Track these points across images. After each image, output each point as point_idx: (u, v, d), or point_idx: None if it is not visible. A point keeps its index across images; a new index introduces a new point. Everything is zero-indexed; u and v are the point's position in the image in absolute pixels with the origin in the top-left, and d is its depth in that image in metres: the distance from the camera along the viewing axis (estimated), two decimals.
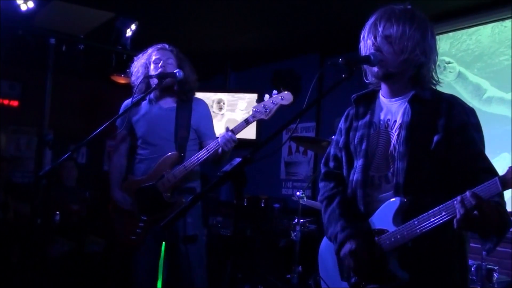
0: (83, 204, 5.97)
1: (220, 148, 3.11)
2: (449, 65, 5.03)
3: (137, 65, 3.40)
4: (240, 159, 1.63)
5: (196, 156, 3.16)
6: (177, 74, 3.23)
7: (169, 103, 3.35)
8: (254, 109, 3.04)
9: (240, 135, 3.21)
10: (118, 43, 5.20)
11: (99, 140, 8.13)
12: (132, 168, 3.38)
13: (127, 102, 3.41)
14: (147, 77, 3.29)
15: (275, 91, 2.99)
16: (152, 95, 3.37)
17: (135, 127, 3.39)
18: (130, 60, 3.56)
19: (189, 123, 3.27)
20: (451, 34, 5.04)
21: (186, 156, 3.24)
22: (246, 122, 3.05)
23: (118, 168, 3.45)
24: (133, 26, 5.24)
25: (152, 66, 3.33)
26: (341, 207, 2.11)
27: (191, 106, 3.32)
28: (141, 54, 3.44)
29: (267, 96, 3.02)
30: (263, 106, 3.01)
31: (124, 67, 3.53)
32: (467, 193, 1.62)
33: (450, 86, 4.87)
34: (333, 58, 1.97)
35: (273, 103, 3.00)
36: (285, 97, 2.99)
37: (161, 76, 3.21)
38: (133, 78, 3.41)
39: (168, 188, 3.21)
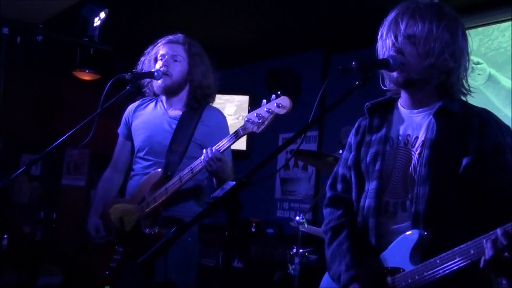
0: (36, 225, 5.93)
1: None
2: (478, 66, 5.06)
3: (145, 61, 3.38)
4: (233, 182, 1.62)
5: (179, 177, 3.08)
6: (155, 73, 3.20)
7: (177, 110, 3.31)
8: (246, 119, 2.91)
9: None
10: (84, 34, 5.19)
11: (58, 149, 8.10)
12: (126, 186, 3.38)
13: (132, 106, 3.42)
14: (119, 78, 3.24)
15: (273, 96, 2.81)
16: (161, 99, 3.37)
17: (133, 136, 3.39)
18: (98, 54, 3.55)
19: (191, 137, 3.21)
20: (480, 29, 5.08)
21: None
22: (236, 135, 2.94)
23: (105, 188, 3.44)
24: (103, 15, 5.22)
25: (158, 63, 3.29)
26: (348, 241, 2.10)
27: (200, 117, 3.26)
28: (150, 47, 3.40)
29: (264, 101, 2.92)
30: (256, 115, 2.85)
31: (91, 62, 3.51)
32: (498, 231, 1.62)
33: (479, 91, 4.90)
34: (343, 61, 1.96)
35: (268, 112, 2.82)
36: (282, 104, 2.78)
37: (134, 77, 3.16)
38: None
39: (148, 215, 3.15)
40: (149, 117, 3.35)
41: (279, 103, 2.77)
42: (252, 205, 6.83)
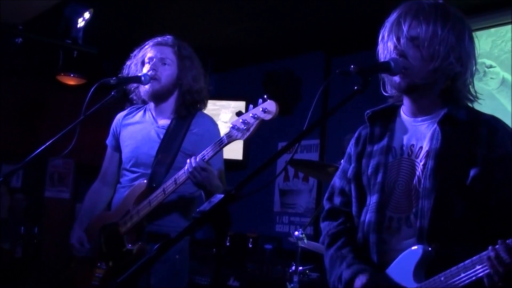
0: (16, 241, 5.91)
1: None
2: (491, 69, 5.06)
3: (131, 65, 3.37)
4: (222, 195, 1.61)
5: (162, 188, 3.07)
6: (142, 78, 3.20)
7: (166, 118, 3.32)
8: (231, 126, 2.89)
9: (225, 155, 3.17)
10: (67, 36, 5.19)
11: (40, 158, 8.09)
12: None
13: (120, 115, 3.42)
14: (103, 83, 3.22)
15: (260, 100, 2.78)
16: (150, 107, 3.37)
17: (121, 147, 3.39)
18: (83, 57, 3.56)
19: (179, 147, 3.21)
20: (492, 30, 5.09)
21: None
22: (220, 144, 2.92)
23: (92, 200, 3.44)
24: (87, 15, 5.22)
25: (145, 67, 3.28)
26: (347, 246, 2.11)
27: (189, 125, 3.27)
28: (137, 50, 3.40)
29: (251, 106, 2.88)
30: (242, 121, 2.83)
31: (75, 65, 3.51)
32: (501, 245, 1.64)
33: (492, 96, 4.89)
34: (342, 65, 1.96)
35: (253, 118, 2.79)
36: (267, 108, 2.74)
37: (120, 81, 3.16)
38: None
39: (131, 229, 3.15)
40: (137, 127, 3.35)
41: (265, 108, 2.75)
42: (249, 219, 6.83)
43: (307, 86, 6.74)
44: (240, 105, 6.81)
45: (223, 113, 6.94)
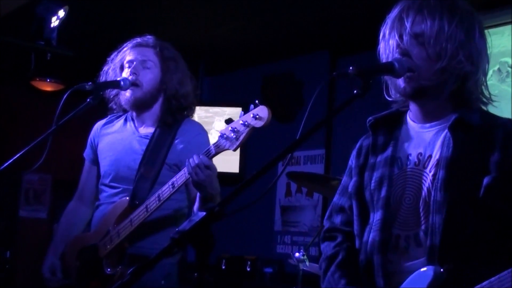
0: None
1: (193, 188, 3.02)
2: None
3: (109, 70, 3.38)
4: (203, 213, 1.61)
5: (145, 205, 3.07)
6: (122, 83, 3.21)
7: (149, 127, 3.33)
8: (219, 134, 2.89)
9: (219, 168, 3.17)
10: (40, 37, 5.20)
11: (13, 173, 8.09)
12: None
13: (98, 125, 3.44)
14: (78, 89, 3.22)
15: (251, 106, 2.78)
16: (131, 115, 3.37)
17: (99, 160, 3.40)
18: (59, 60, 3.57)
19: (164, 159, 3.21)
20: None
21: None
22: (207, 155, 2.93)
23: (68, 222, 3.45)
24: (62, 13, 5.23)
25: (124, 71, 3.29)
26: (345, 266, 2.11)
27: (175, 134, 3.28)
28: (115, 53, 3.41)
29: (241, 112, 2.86)
30: (231, 130, 2.83)
31: (49, 69, 3.52)
32: None
33: None
34: (343, 67, 1.97)
35: (244, 125, 2.80)
36: (259, 114, 2.75)
37: (97, 87, 3.16)
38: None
39: (111, 252, 3.14)
40: (117, 137, 3.36)
41: (256, 114, 2.75)
42: (247, 239, 6.84)
43: (310, 89, 6.75)
44: (236, 111, 6.70)
45: (217, 121, 6.93)
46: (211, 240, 1.57)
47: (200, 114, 6.91)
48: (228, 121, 2.86)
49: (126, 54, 3.31)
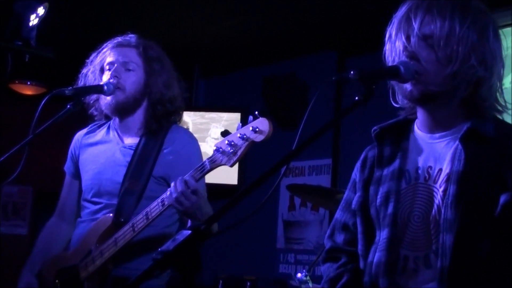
0: None
1: (177, 210, 3.02)
2: None
3: (88, 73, 3.39)
4: (188, 231, 1.61)
5: (131, 224, 3.07)
6: (105, 87, 3.21)
7: (133, 136, 3.34)
8: (215, 148, 2.89)
9: (216, 180, 3.16)
10: (18, 37, 5.22)
11: None
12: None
13: (79, 135, 3.46)
14: (57, 94, 3.22)
15: (250, 117, 2.79)
16: (114, 123, 3.39)
17: (81, 173, 3.41)
18: (39, 62, 3.57)
19: (150, 171, 3.22)
20: None
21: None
22: (201, 170, 2.93)
23: (46, 239, 3.47)
24: (41, 11, 5.25)
25: (105, 74, 3.29)
26: None
27: (163, 142, 3.29)
28: (94, 54, 3.42)
29: (239, 124, 2.86)
30: (228, 143, 2.83)
31: (29, 71, 3.53)
32: None
33: None
34: (344, 71, 1.97)
35: (242, 139, 2.79)
36: (259, 128, 2.75)
37: (76, 92, 3.17)
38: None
39: (92, 274, 3.15)
40: (100, 148, 3.37)
41: (256, 127, 2.75)
42: (247, 258, 6.84)
43: (315, 93, 6.75)
44: (234, 117, 6.82)
45: (214, 127, 6.94)
46: (197, 261, 1.57)
47: (195, 120, 6.93)
48: (225, 133, 2.86)
49: (107, 55, 3.31)
